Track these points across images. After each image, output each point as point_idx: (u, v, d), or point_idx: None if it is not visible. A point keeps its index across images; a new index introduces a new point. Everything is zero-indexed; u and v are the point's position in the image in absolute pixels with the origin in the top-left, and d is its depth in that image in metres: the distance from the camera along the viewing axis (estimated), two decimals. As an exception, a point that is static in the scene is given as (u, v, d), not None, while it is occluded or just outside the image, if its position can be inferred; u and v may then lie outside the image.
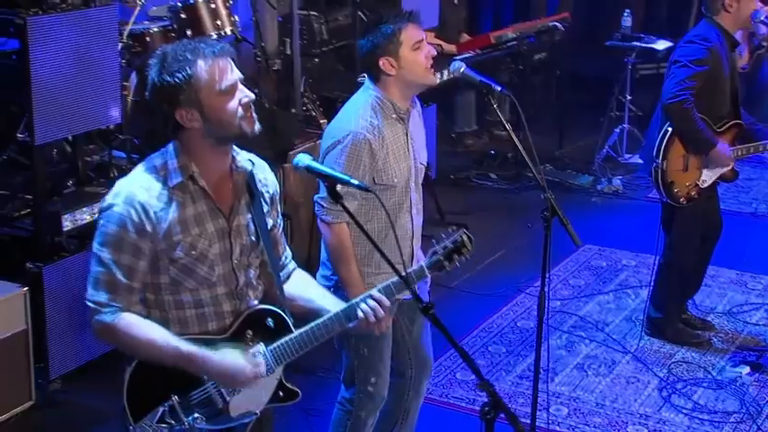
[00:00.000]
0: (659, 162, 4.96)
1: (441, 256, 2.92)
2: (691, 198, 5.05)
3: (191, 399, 2.73)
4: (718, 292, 5.98)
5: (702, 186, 5.08)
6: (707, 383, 4.96)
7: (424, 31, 3.56)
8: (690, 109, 4.82)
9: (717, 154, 4.95)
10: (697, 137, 4.92)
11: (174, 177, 2.68)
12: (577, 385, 4.97)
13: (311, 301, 2.95)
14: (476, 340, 5.44)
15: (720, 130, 5.05)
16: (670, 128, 4.95)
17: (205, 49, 2.61)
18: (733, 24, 4.96)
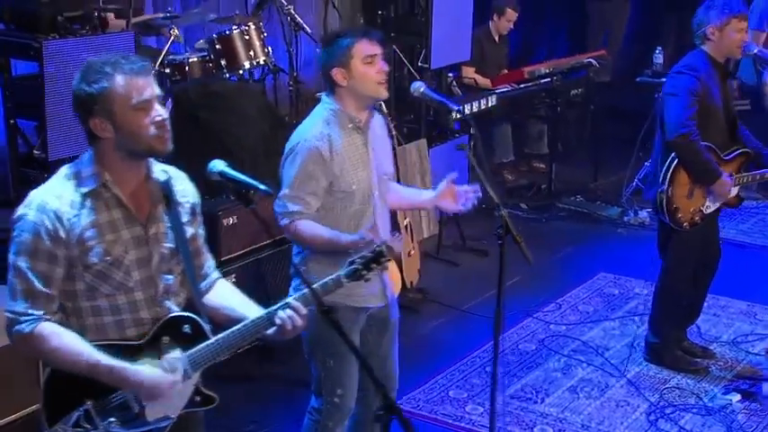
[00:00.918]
0: (665, 188, 4.86)
1: (359, 265, 2.92)
2: (694, 223, 4.96)
3: (106, 403, 2.72)
4: (725, 321, 5.84)
5: (706, 212, 4.98)
6: (696, 409, 4.85)
7: (380, 46, 3.59)
8: (696, 141, 4.73)
9: (720, 185, 4.85)
10: (704, 168, 4.82)
11: (87, 184, 2.71)
12: (567, 407, 4.90)
13: (233, 310, 2.95)
14: (475, 360, 5.40)
15: (728, 158, 4.94)
16: (677, 158, 4.85)
17: (125, 65, 2.66)
18: (719, 53, 4.87)
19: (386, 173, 3.75)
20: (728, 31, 4.81)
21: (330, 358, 3.70)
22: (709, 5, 4.87)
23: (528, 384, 5.12)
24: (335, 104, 3.60)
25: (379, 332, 3.83)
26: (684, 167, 4.83)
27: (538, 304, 6.09)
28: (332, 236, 3.49)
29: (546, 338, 5.65)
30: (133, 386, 2.71)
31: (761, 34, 7.57)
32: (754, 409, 4.84)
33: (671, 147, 4.78)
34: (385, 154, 3.77)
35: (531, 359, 5.40)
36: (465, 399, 4.96)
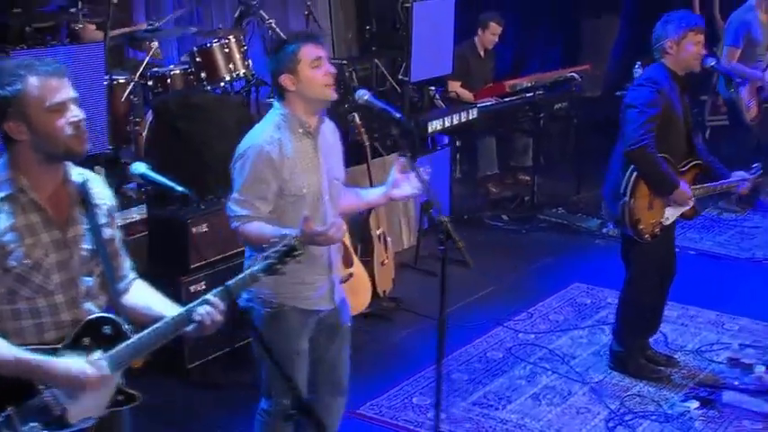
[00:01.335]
0: (627, 200, 4.87)
1: (273, 259, 2.93)
2: (655, 235, 4.96)
3: (27, 408, 2.70)
4: (693, 331, 5.84)
5: (665, 224, 4.98)
6: (655, 416, 4.85)
7: (324, 50, 3.63)
8: (652, 153, 4.75)
9: (679, 194, 4.85)
10: (661, 179, 4.83)
11: (3, 189, 2.70)
12: (527, 414, 4.90)
13: (149, 309, 2.97)
14: (457, 368, 5.41)
15: (683, 170, 4.95)
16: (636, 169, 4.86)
17: (39, 67, 2.66)
18: (678, 66, 4.90)
19: (336, 177, 3.77)
20: (685, 44, 4.84)
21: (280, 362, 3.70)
22: (667, 20, 4.91)
23: (491, 391, 5.12)
24: (286, 110, 3.64)
25: (330, 337, 3.85)
26: (644, 180, 4.83)
27: (510, 313, 6.09)
28: (274, 233, 3.50)
29: (514, 347, 5.65)
30: (64, 378, 2.70)
31: (736, 50, 7.60)
32: (711, 416, 4.83)
33: (628, 158, 4.79)
34: (336, 159, 3.80)
35: (496, 367, 5.40)
36: (428, 405, 4.97)
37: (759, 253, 7.12)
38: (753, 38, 7.56)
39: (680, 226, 7.55)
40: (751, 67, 7.63)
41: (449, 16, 7.56)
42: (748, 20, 7.56)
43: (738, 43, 7.56)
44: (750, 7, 7.63)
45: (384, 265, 6.13)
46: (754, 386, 5.09)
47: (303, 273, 3.65)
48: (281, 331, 3.69)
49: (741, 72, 7.63)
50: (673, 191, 4.82)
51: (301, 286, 3.67)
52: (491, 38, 8.32)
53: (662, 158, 4.78)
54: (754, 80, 7.62)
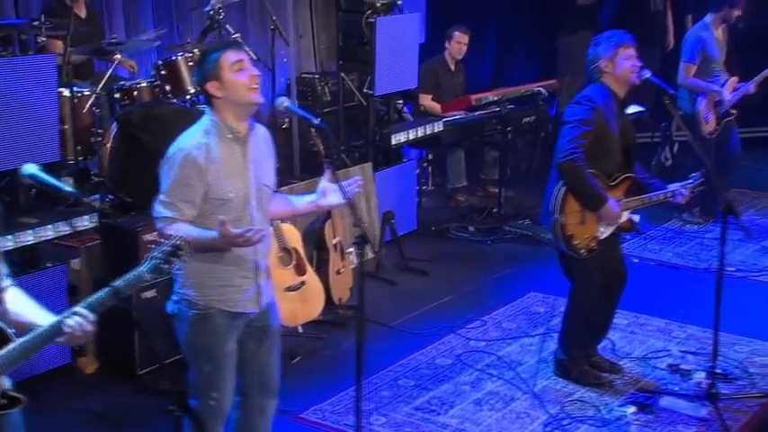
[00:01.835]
0: (556, 217, 4.91)
1: (158, 259, 2.96)
2: (591, 250, 4.99)
3: None
4: (641, 338, 5.86)
5: (600, 238, 5.01)
6: (592, 421, 4.87)
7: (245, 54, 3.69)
8: (581, 167, 4.80)
9: (607, 210, 4.90)
10: (588, 193, 4.87)
11: None
12: (468, 418, 4.92)
13: (18, 315, 3.01)
14: (390, 374, 5.44)
15: (613, 183, 4.99)
16: (562, 184, 4.91)
17: None
18: (616, 84, 4.97)
19: (265, 183, 3.81)
20: (619, 60, 4.91)
21: (205, 363, 3.75)
22: (597, 43, 5.01)
23: (435, 397, 5.14)
24: (215, 116, 3.69)
25: (258, 339, 3.88)
26: (573, 193, 4.87)
27: (464, 321, 6.11)
28: (199, 234, 3.55)
29: (463, 354, 5.67)
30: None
31: (692, 66, 7.65)
32: (647, 420, 4.86)
33: (558, 170, 4.84)
34: (266, 166, 3.84)
35: (443, 373, 5.42)
36: (370, 410, 4.99)
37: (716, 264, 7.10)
38: (708, 54, 7.62)
39: (642, 238, 7.69)
40: (707, 82, 7.68)
41: (414, 31, 7.61)
42: (703, 37, 7.62)
43: (694, 59, 7.62)
44: (705, 25, 7.70)
45: (340, 274, 6.16)
46: (692, 391, 5.11)
47: (230, 276, 3.70)
48: (207, 333, 3.72)
49: (699, 87, 7.68)
50: (601, 206, 4.87)
51: (227, 289, 3.70)
52: (458, 47, 8.35)
53: (591, 174, 4.82)
54: (712, 94, 7.66)
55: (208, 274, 3.68)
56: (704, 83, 7.66)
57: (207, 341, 3.73)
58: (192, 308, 3.70)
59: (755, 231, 7.69)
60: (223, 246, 3.56)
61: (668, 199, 5.19)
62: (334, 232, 6.14)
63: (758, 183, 9.26)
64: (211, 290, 3.69)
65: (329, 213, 6.14)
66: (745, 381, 5.28)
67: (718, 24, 7.70)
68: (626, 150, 5.08)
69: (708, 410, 4.91)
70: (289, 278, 5.61)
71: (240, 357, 3.87)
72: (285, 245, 5.61)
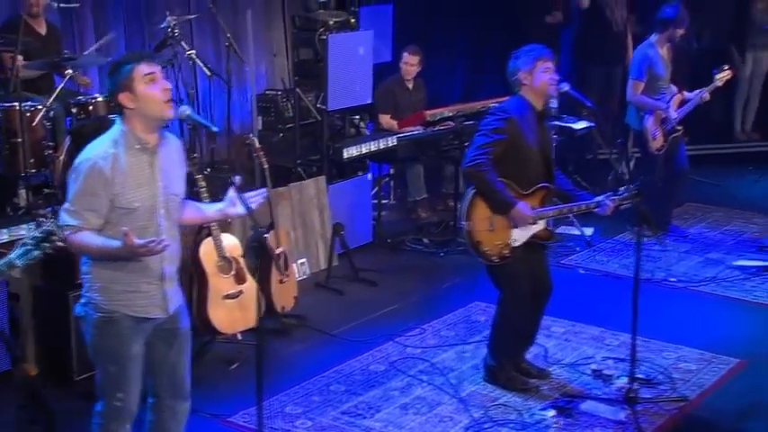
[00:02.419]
0: (464, 223, 4.98)
1: (30, 246, 3.00)
2: (503, 257, 5.04)
3: None
4: (573, 345, 5.92)
5: (514, 245, 5.06)
6: (513, 424, 4.92)
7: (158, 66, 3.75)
8: (485, 172, 4.88)
9: (516, 213, 4.96)
10: (495, 197, 4.95)
11: None
12: (392, 422, 4.97)
13: None
14: (323, 379, 5.48)
15: (526, 193, 5.05)
16: (472, 191, 4.99)
17: None
18: (534, 96, 5.05)
19: (175, 193, 3.86)
20: (537, 73, 4.99)
21: (111, 365, 3.81)
22: (517, 56, 5.10)
23: (364, 401, 5.19)
24: (125, 126, 3.73)
25: (168, 342, 3.93)
26: (482, 198, 4.95)
27: (404, 329, 6.15)
28: (103, 243, 3.61)
29: (398, 360, 5.72)
30: None
31: (640, 83, 7.74)
32: (566, 423, 4.91)
33: (464, 174, 4.93)
34: (176, 176, 3.89)
35: (375, 379, 5.47)
36: (298, 414, 5.04)
37: (659, 274, 7.18)
38: (655, 72, 7.70)
39: (592, 250, 7.74)
40: (654, 99, 7.75)
41: (367, 48, 7.69)
42: (650, 55, 7.71)
43: (642, 77, 7.70)
44: (651, 44, 7.79)
45: (283, 283, 6.21)
46: (614, 396, 5.15)
47: (135, 282, 3.75)
48: (112, 336, 3.77)
49: (646, 104, 7.76)
50: (509, 209, 4.93)
51: (133, 295, 3.75)
52: (407, 68, 8.41)
53: (499, 180, 4.89)
54: (659, 112, 7.73)
55: (113, 280, 3.73)
56: (651, 100, 7.74)
57: (112, 343, 3.78)
58: (97, 311, 3.75)
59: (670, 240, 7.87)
60: (127, 255, 3.61)
61: (592, 209, 5.24)
62: (277, 242, 6.19)
63: (713, 198, 9.34)
64: (116, 294, 3.74)
65: (272, 224, 6.20)
66: (667, 386, 5.32)
67: (663, 43, 7.79)
68: (547, 162, 5.14)
69: (626, 414, 4.95)
70: (228, 286, 5.67)
71: (150, 359, 3.92)
72: (224, 254, 5.66)
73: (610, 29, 9.94)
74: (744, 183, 9.79)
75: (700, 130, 10.89)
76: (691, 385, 5.34)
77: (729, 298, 6.73)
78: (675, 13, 7.75)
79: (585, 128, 8.23)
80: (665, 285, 7.00)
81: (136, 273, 3.74)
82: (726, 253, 7.67)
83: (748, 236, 8.12)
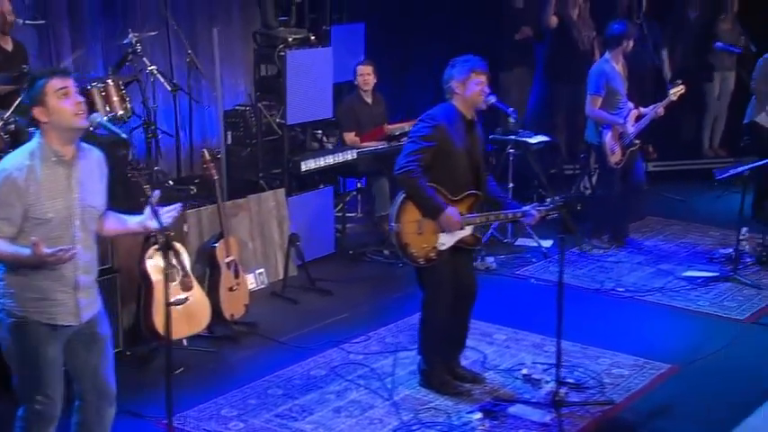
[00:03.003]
0: (393, 225, 5.06)
1: None
2: (430, 260, 5.11)
3: None
4: (512, 352, 5.97)
5: (441, 249, 5.13)
6: (440, 427, 4.97)
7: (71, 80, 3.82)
8: (416, 178, 4.96)
9: (445, 218, 5.02)
10: (425, 202, 5.03)
11: None
12: (323, 424, 5.02)
13: None
14: (263, 384, 5.53)
15: (456, 198, 5.12)
16: (402, 195, 5.06)
17: None
18: (464, 105, 5.13)
19: (92, 205, 3.90)
20: (470, 84, 5.08)
21: (26, 369, 3.87)
22: (453, 65, 5.18)
23: (299, 404, 5.24)
24: (41, 139, 3.80)
25: (87, 347, 3.99)
26: (413, 202, 5.02)
27: (349, 337, 6.20)
28: (14, 251, 3.68)
29: (339, 366, 5.77)
30: None
31: (597, 98, 7.80)
32: (492, 426, 4.96)
33: (396, 180, 5.01)
34: (96, 188, 3.94)
35: (314, 383, 5.52)
36: (232, 416, 5.09)
37: (608, 284, 7.24)
38: (612, 87, 7.77)
39: (547, 261, 7.79)
40: (612, 114, 7.82)
41: (327, 64, 7.78)
42: (606, 70, 7.78)
43: (599, 91, 7.76)
44: (606, 60, 7.87)
45: (232, 291, 6.28)
46: (543, 399, 5.20)
47: (48, 290, 3.81)
48: (26, 340, 3.83)
49: (604, 119, 7.82)
50: (439, 214, 5.00)
51: (45, 302, 3.80)
52: (361, 79, 8.34)
53: (429, 186, 4.96)
54: (616, 126, 7.80)
55: (26, 287, 3.79)
56: (609, 115, 7.80)
57: (26, 348, 3.83)
58: (10, 316, 3.81)
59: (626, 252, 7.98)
60: (36, 263, 3.67)
61: (518, 218, 5.32)
62: (227, 251, 6.26)
63: (675, 212, 9.40)
64: (29, 301, 3.80)
65: (222, 233, 6.28)
66: (596, 390, 5.36)
67: (618, 59, 7.87)
68: (475, 169, 5.21)
69: (551, 417, 5.00)
70: (174, 293, 5.72)
71: (73, 365, 3.99)
72: (171, 262, 5.72)
73: (577, 48, 10.05)
74: (707, 198, 9.81)
75: (670, 146, 11.09)
76: (619, 389, 5.39)
77: (673, 307, 6.78)
78: (623, 28, 7.85)
79: (541, 142, 8.30)
80: (612, 295, 7.05)
81: (50, 281, 3.80)
82: (677, 264, 7.71)
83: (702, 248, 8.16)
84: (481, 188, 5.24)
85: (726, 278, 7.27)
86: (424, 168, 5.03)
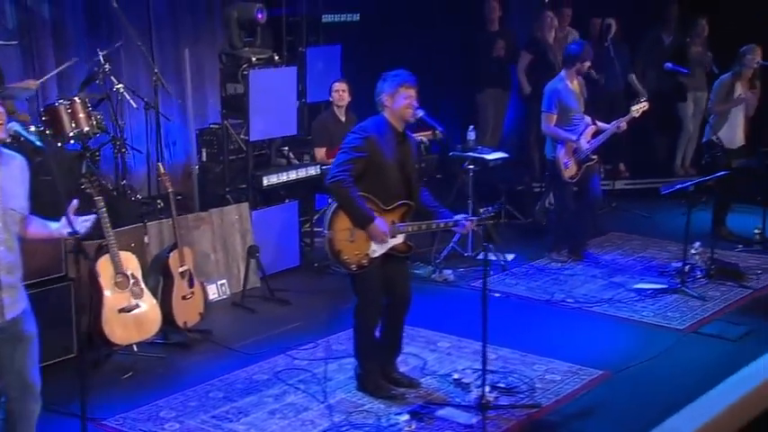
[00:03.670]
0: (326, 232, 5.15)
1: None
2: (362, 266, 5.20)
3: None
4: (453, 359, 6.04)
5: (373, 256, 5.21)
6: (368, 428, 5.05)
7: None
8: (347, 188, 5.05)
9: (373, 228, 5.12)
10: (355, 212, 5.11)
11: None
12: (256, 425, 5.11)
13: None
14: (206, 387, 5.62)
15: (388, 208, 5.21)
16: (334, 204, 5.16)
17: None
18: (394, 118, 5.23)
19: (13, 207, 4.03)
20: (398, 98, 5.18)
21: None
22: (384, 78, 5.30)
23: (236, 407, 5.32)
24: None
25: (12, 345, 4.09)
26: (343, 211, 5.11)
27: (297, 344, 6.28)
28: None
29: (282, 371, 5.85)
30: None
31: (551, 115, 7.90)
32: (418, 427, 5.04)
33: (327, 190, 5.10)
34: (17, 192, 4.08)
35: (254, 387, 5.61)
36: (170, 418, 5.18)
37: (559, 296, 7.30)
38: (565, 105, 7.87)
39: (505, 274, 7.86)
40: (567, 130, 7.91)
41: (291, 82, 7.92)
42: (559, 89, 7.89)
43: (551, 109, 7.87)
44: (561, 78, 7.98)
45: (186, 300, 6.38)
46: (472, 403, 5.26)
47: None
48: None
49: (558, 135, 7.92)
50: (368, 224, 5.09)
51: None
52: (337, 95, 8.41)
53: (359, 195, 5.05)
54: (570, 143, 7.89)
55: None
56: (563, 132, 7.90)
57: None
58: None
59: (583, 266, 8.05)
60: None
61: (450, 227, 5.40)
62: (181, 261, 6.37)
63: (639, 227, 9.45)
64: None
65: (176, 244, 6.38)
66: (525, 394, 5.42)
67: (573, 77, 7.97)
68: (407, 180, 5.30)
69: (477, 419, 5.06)
70: (123, 300, 5.84)
71: (1, 364, 4.09)
72: (122, 270, 5.84)
73: (552, 70, 10.14)
74: (673, 215, 9.84)
75: (643, 165, 11.18)
76: (549, 394, 5.45)
77: (617, 317, 6.84)
78: (580, 49, 7.96)
79: (499, 159, 8.40)
80: (561, 306, 7.11)
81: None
82: (630, 277, 7.77)
83: (658, 262, 8.21)
84: (414, 198, 5.33)
85: (674, 290, 7.32)
86: (355, 178, 5.12)
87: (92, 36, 8.37)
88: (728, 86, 8.75)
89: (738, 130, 8.87)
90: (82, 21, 8.33)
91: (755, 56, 8.58)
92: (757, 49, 8.63)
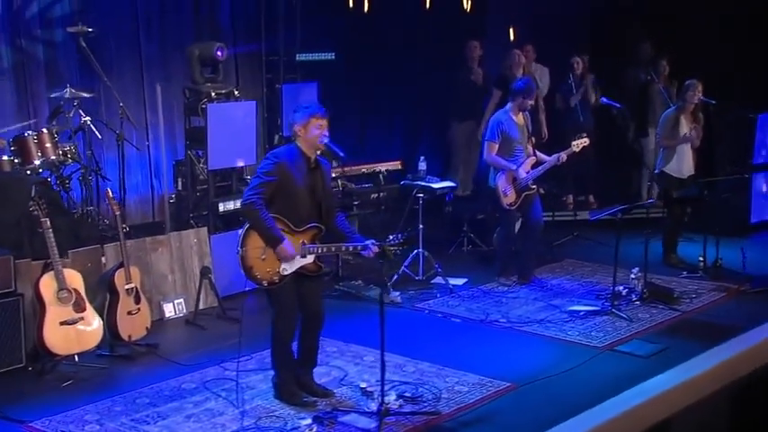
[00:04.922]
0: (240, 250, 5.37)
1: None
2: (272, 282, 5.41)
3: None
4: (373, 371, 6.15)
5: (284, 274, 5.42)
6: (272, 431, 5.21)
7: None
8: (257, 210, 5.28)
9: (280, 249, 5.33)
10: (265, 233, 5.34)
11: None
12: (170, 427, 5.32)
13: None
14: (134, 394, 5.82)
15: (300, 229, 5.42)
16: (248, 223, 5.38)
17: None
18: (306, 146, 5.47)
19: None
20: (310, 128, 5.44)
21: None
22: (296, 109, 5.57)
23: (156, 411, 5.53)
24: None
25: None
26: (255, 231, 5.33)
27: (234, 357, 6.45)
28: None
29: (210, 381, 6.05)
30: None
31: (494, 144, 8.09)
32: (319, 429, 5.22)
33: (240, 211, 5.33)
34: None
35: (180, 394, 5.81)
36: (92, 420, 5.39)
37: (494, 316, 7.44)
38: (507, 135, 8.07)
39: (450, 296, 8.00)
40: (509, 160, 8.09)
41: (250, 115, 8.19)
42: (502, 120, 8.09)
43: (494, 138, 8.07)
44: (505, 111, 8.20)
45: (132, 315, 6.61)
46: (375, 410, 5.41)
47: None
48: None
49: (498, 164, 8.10)
50: (276, 245, 5.31)
51: None
52: None
53: (270, 217, 5.28)
54: (510, 172, 8.07)
55: None
56: (503, 161, 8.08)
57: None
58: None
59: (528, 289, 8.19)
60: None
61: (359, 251, 5.61)
62: (127, 279, 6.61)
63: (594, 255, 9.53)
64: None
65: (122, 263, 6.63)
66: (428, 403, 5.57)
67: (516, 111, 8.17)
68: (318, 204, 5.52)
69: (376, 425, 5.22)
70: (66, 314, 6.09)
71: None
72: (65, 286, 6.09)
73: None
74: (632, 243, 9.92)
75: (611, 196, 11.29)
76: (452, 402, 5.60)
77: (544, 336, 6.96)
78: (523, 86, 8.16)
79: (446, 188, 8.59)
80: (493, 325, 7.25)
81: None
82: (568, 300, 7.88)
83: (602, 286, 8.31)
84: (326, 222, 5.53)
85: (605, 312, 7.43)
86: (267, 201, 5.35)
87: (83, 76, 8.72)
88: (673, 120, 8.91)
89: (686, 161, 9.00)
90: (74, 60, 8.68)
91: (696, 92, 8.74)
92: (698, 84, 8.79)
